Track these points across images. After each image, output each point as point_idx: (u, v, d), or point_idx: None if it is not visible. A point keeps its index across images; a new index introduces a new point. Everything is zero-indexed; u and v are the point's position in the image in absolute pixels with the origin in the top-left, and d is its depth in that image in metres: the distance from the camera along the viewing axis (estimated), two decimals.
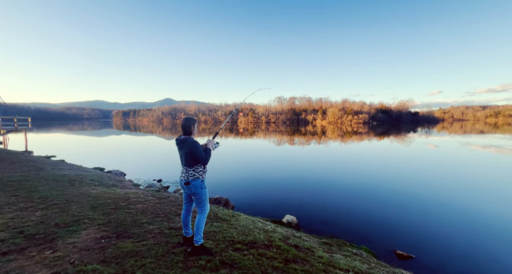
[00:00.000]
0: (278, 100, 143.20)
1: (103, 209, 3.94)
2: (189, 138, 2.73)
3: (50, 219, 3.32)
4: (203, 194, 2.84)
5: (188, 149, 2.67)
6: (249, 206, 6.71)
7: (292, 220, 5.65)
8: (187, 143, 2.69)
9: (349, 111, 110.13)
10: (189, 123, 2.81)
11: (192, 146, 2.66)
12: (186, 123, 2.79)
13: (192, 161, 2.73)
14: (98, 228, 3.16)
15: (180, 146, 2.76)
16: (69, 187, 5.28)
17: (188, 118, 2.84)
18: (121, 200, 4.67)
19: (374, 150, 18.86)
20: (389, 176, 10.12)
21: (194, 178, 2.76)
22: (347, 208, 6.68)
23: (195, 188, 2.78)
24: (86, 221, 3.36)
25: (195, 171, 2.77)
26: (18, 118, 23.61)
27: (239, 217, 4.55)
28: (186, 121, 2.81)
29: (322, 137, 33.04)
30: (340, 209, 6.59)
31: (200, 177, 2.80)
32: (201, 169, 2.82)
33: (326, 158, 14.79)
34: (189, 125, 2.80)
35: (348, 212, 6.41)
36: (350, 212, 6.44)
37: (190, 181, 2.75)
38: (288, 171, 11.13)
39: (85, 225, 3.21)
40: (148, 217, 3.83)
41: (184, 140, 2.74)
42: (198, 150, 2.67)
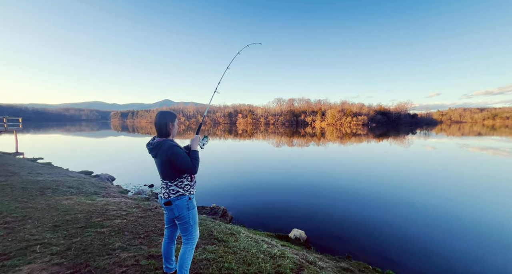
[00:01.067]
0: (277, 102, 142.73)
1: (67, 229, 3.12)
2: (165, 141, 1.94)
3: None
4: (191, 218, 2.04)
5: (166, 157, 1.89)
6: (250, 216, 5.91)
7: (300, 235, 4.85)
8: (163, 148, 1.90)
9: (348, 113, 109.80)
10: (165, 120, 2.00)
11: (171, 152, 1.88)
12: (160, 121, 1.98)
13: (173, 171, 1.94)
14: (49, 260, 2.35)
15: (154, 153, 1.96)
16: (37, 197, 4.45)
17: (164, 113, 2.04)
18: (96, 213, 3.85)
19: (376, 152, 18.14)
20: (404, 182, 9.36)
21: (177, 195, 1.97)
22: (361, 218, 5.89)
23: (179, 209, 1.98)
24: (37, 248, 2.55)
25: (178, 186, 1.98)
26: (8, 119, 22.68)
27: (239, 235, 3.75)
28: (160, 118, 2.00)
29: (322, 138, 32.32)
30: (354, 220, 5.79)
31: (186, 194, 2.00)
32: (188, 182, 2.03)
33: (330, 161, 14.02)
34: (165, 123, 1.99)
35: (363, 224, 5.62)
36: (365, 223, 5.65)
37: (172, 199, 1.96)
38: (291, 175, 10.33)
39: (33, 256, 2.39)
40: (124, 238, 3.02)
41: (158, 144, 1.94)
42: (180, 157, 1.91)
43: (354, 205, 6.73)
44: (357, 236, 5.09)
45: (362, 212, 6.22)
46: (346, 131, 51.35)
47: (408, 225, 5.58)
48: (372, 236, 5.07)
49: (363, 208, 6.49)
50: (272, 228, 5.31)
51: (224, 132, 49.16)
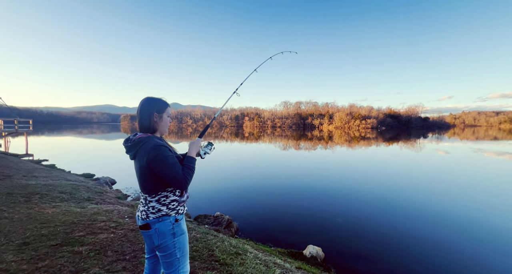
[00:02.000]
0: (284, 105, 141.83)
1: (37, 247, 2.57)
2: (149, 139, 1.35)
3: None
4: (177, 248, 1.41)
5: (146, 161, 1.29)
6: (258, 228, 5.25)
7: (317, 253, 4.15)
8: (145, 148, 1.31)
9: (356, 116, 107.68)
10: (149, 109, 1.40)
11: (154, 154, 1.29)
12: (143, 109, 1.40)
13: (155, 182, 1.34)
14: None
15: (132, 153, 1.38)
16: (19, 205, 3.96)
17: (149, 100, 1.43)
18: (80, 226, 3.30)
19: (387, 156, 17.11)
20: (424, 189, 8.48)
21: (158, 215, 1.37)
22: (386, 233, 5.13)
23: (161, 236, 1.36)
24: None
25: (161, 202, 1.38)
26: (19, 121, 23.06)
27: (245, 255, 3.10)
28: (143, 105, 1.41)
29: (330, 141, 31.32)
30: (378, 235, 5.04)
31: (171, 213, 1.41)
32: (174, 197, 1.42)
33: (341, 165, 13.19)
34: (148, 112, 1.39)
35: (389, 240, 4.86)
36: (392, 239, 4.89)
37: (152, 221, 1.36)
38: (303, 181, 9.61)
39: None
40: (105, 261, 2.44)
41: (139, 141, 1.35)
42: (166, 162, 1.30)
43: (375, 215, 5.96)
44: (383, 254, 4.34)
45: (386, 225, 5.45)
46: (354, 135, 49.98)
47: (437, 238, 4.78)
48: (400, 255, 4.31)
49: (386, 220, 5.71)
50: (283, 242, 4.63)
51: (230, 135, 48.77)
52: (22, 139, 25.72)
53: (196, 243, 3.21)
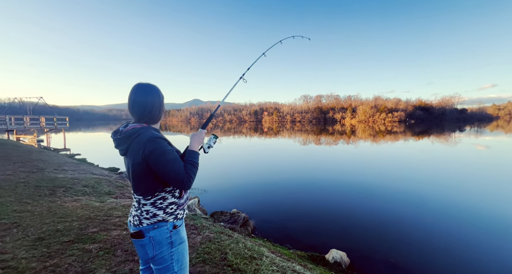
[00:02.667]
0: (304, 99, 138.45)
1: (50, 244, 2.54)
2: (144, 130, 1.12)
3: None
4: (175, 260, 1.16)
5: (142, 156, 1.07)
6: (276, 227, 4.96)
7: (341, 259, 3.76)
8: (139, 141, 1.09)
9: (382, 109, 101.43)
10: (160, 97, 1.21)
11: (151, 148, 1.07)
12: (157, 98, 1.19)
13: (151, 181, 1.12)
14: None
15: (123, 148, 1.14)
16: (44, 198, 4.11)
17: (156, 87, 1.21)
18: (95, 221, 3.29)
19: (415, 152, 15.63)
20: (459, 188, 7.51)
21: (154, 221, 1.15)
22: (420, 238, 4.54)
23: (156, 246, 1.13)
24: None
25: (157, 205, 1.16)
26: (58, 118, 25.23)
27: (261, 260, 2.84)
28: (156, 93, 1.19)
29: (352, 136, 29.74)
30: (412, 240, 4.47)
31: (169, 219, 1.18)
32: (173, 199, 1.20)
33: (367, 162, 12.32)
34: (159, 102, 1.20)
35: (423, 246, 4.29)
36: (427, 245, 4.31)
37: (146, 228, 1.14)
38: (326, 178, 9.09)
39: None
40: (113, 262, 2.33)
41: (131, 133, 1.11)
42: (166, 157, 1.08)
43: (409, 219, 5.33)
44: (420, 264, 3.81)
45: (422, 230, 4.83)
46: (379, 129, 47.07)
47: (483, 246, 4.08)
48: (440, 266, 3.75)
49: (422, 225, 5.08)
50: (303, 244, 4.30)
51: (249, 130, 48.82)
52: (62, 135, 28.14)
53: (208, 244, 3.02)
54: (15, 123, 21.51)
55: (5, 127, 20.17)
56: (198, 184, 7.73)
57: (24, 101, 35.87)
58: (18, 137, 20.41)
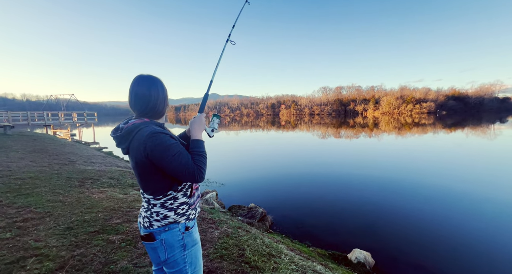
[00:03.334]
0: (323, 91, 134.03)
1: (77, 234, 2.67)
2: (144, 125, 1.03)
3: None
4: (188, 264, 1.08)
5: (144, 153, 0.98)
6: (294, 223, 4.84)
7: (365, 260, 3.55)
8: (139, 138, 1.00)
9: (408, 100, 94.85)
10: (164, 90, 1.13)
11: (152, 143, 0.97)
12: (162, 91, 1.11)
13: (159, 179, 1.04)
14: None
15: (124, 146, 1.06)
16: (74, 189, 4.38)
17: (147, 78, 1.08)
18: (119, 212, 3.42)
19: (447, 145, 14.34)
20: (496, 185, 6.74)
21: (165, 223, 1.07)
22: (453, 239, 4.15)
23: (168, 249, 1.05)
24: (29, 263, 2.08)
25: (167, 206, 1.07)
26: (87, 113, 27.12)
27: (280, 258, 2.75)
28: (161, 86, 1.11)
29: (375, 129, 28.21)
30: (444, 242, 4.10)
31: (180, 220, 1.10)
32: (184, 199, 1.11)
33: (391, 156, 11.61)
34: (164, 96, 1.12)
35: (456, 248, 3.91)
36: (461, 247, 3.92)
37: (156, 231, 1.07)
38: (347, 173, 8.72)
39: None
40: (134, 254, 2.38)
41: (131, 130, 1.03)
42: (171, 152, 0.98)
43: (441, 218, 4.91)
44: (453, 267, 3.48)
45: (456, 231, 4.42)
46: (405, 121, 44.15)
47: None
48: (474, 269, 3.39)
49: (456, 225, 4.64)
50: (323, 242, 4.14)
51: (266, 123, 48.60)
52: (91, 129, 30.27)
53: (226, 239, 2.99)
54: (52, 118, 23.54)
55: (43, 123, 22.16)
56: (216, 178, 7.82)
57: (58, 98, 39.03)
58: (55, 131, 22.31)
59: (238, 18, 1.64)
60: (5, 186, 4.20)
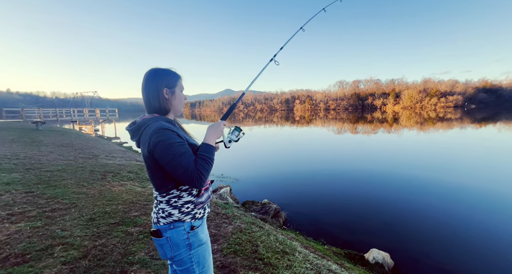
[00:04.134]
0: (339, 85, 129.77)
1: (99, 225, 2.81)
2: (153, 120, 1.04)
3: (14, 242, 2.32)
4: (195, 263, 1.08)
5: (147, 150, 0.99)
6: (309, 220, 4.77)
7: (384, 260, 3.41)
8: (146, 134, 1.01)
9: (433, 93, 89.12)
10: (158, 83, 1.09)
11: (156, 141, 0.96)
12: (151, 85, 1.09)
13: (161, 176, 1.03)
14: (59, 270, 1.93)
15: (136, 139, 1.09)
16: (96, 182, 4.62)
17: (156, 72, 1.10)
18: (137, 205, 3.56)
19: (475, 140, 13.26)
20: None
21: (170, 221, 1.06)
22: (478, 241, 3.86)
23: (173, 247, 1.07)
24: (57, 250, 2.21)
25: (171, 204, 1.07)
26: (109, 110, 28.52)
27: (293, 256, 2.71)
28: (151, 79, 1.09)
29: (395, 124, 26.87)
30: (468, 244, 3.83)
31: (185, 219, 1.08)
32: (190, 198, 1.09)
33: (413, 153, 11.01)
34: (156, 88, 1.08)
35: (481, 249, 3.64)
36: (485, 249, 3.64)
37: (163, 228, 1.07)
38: (364, 170, 8.42)
39: (45, 262, 2.04)
40: (152, 245, 2.46)
41: (141, 125, 1.06)
42: (172, 152, 0.96)
43: (466, 218, 4.58)
44: (477, 269, 3.24)
45: (481, 232, 4.11)
46: (429, 116, 41.61)
47: None
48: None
49: (485, 226, 4.31)
50: (339, 240, 4.04)
51: (280, 119, 48.17)
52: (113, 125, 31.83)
53: (240, 235, 3.00)
54: (78, 115, 25.05)
55: (70, 119, 23.68)
56: (229, 173, 7.90)
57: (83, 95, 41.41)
58: (80, 127, 23.75)
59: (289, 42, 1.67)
60: (36, 177, 4.53)
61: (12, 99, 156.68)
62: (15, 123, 19.22)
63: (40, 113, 21.50)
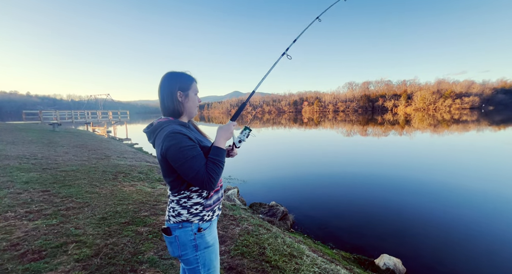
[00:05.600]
0: (349, 86, 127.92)
1: (110, 224, 2.88)
2: (167, 124, 1.07)
3: (31, 238, 2.42)
4: (201, 264, 1.12)
5: (160, 151, 1.02)
6: (317, 224, 4.70)
7: (395, 267, 3.31)
8: (160, 137, 1.05)
9: (447, 94, 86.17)
10: (172, 86, 1.12)
11: (168, 145, 0.99)
12: (165, 88, 1.12)
13: (173, 176, 1.06)
14: (70, 269, 1.99)
15: (152, 141, 1.13)
16: (108, 182, 4.75)
17: (171, 76, 1.14)
18: (147, 205, 3.63)
19: (492, 143, 12.64)
20: None
21: (179, 220, 1.09)
22: (492, 248, 3.68)
23: (181, 246, 1.09)
24: (71, 248, 2.29)
25: (181, 204, 1.09)
26: (121, 112, 29.33)
27: (301, 259, 2.67)
28: (166, 82, 1.13)
29: (407, 126, 26.11)
30: (487, 251, 3.66)
31: (193, 220, 1.09)
32: (199, 200, 1.11)
33: (427, 157, 10.66)
34: (170, 91, 1.12)
35: (495, 257, 3.45)
36: (499, 256, 3.45)
37: (172, 226, 1.10)
38: (375, 173, 8.23)
39: (60, 259, 2.11)
40: (160, 245, 2.50)
41: (156, 128, 1.09)
42: (182, 155, 0.99)
43: (482, 224, 4.38)
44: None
45: (499, 239, 3.91)
46: (443, 118, 40.19)
47: None
48: None
49: (500, 233, 4.10)
50: (348, 245, 3.96)
51: (289, 121, 47.95)
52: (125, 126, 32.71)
53: (247, 237, 3.00)
54: (92, 117, 25.92)
55: (84, 121, 24.54)
56: (237, 175, 7.92)
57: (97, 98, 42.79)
58: (94, 128, 24.55)
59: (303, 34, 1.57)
60: (52, 177, 4.72)
61: (31, 102, 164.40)
62: (34, 124, 20.10)
63: (57, 115, 22.39)
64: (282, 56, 1.49)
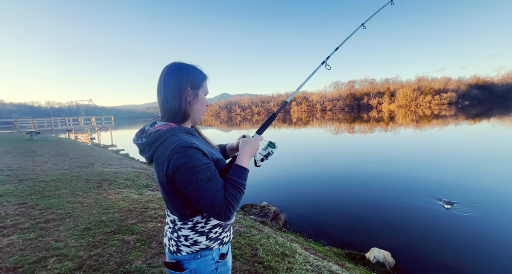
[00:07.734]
0: (335, 86, 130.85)
1: (95, 234, 2.75)
2: (170, 134, 0.80)
3: (5, 255, 2.25)
4: None
5: (165, 172, 0.76)
6: (308, 222, 4.74)
7: (385, 259, 3.39)
8: (163, 152, 0.77)
9: (427, 91, 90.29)
10: (181, 81, 0.84)
11: (177, 164, 0.74)
12: (171, 82, 0.83)
13: (184, 203, 0.82)
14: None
15: (148, 157, 0.84)
16: (92, 190, 4.54)
17: (180, 67, 0.85)
18: (134, 213, 3.50)
19: (470, 137, 13.42)
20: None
21: (196, 249, 0.87)
22: (478, 237, 3.87)
23: None
24: (50, 262, 2.15)
25: (197, 230, 0.86)
26: (105, 117, 28.27)
27: (294, 258, 2.68)
28: (173, 76, 0.84)
29: (391, 123, 27.11)
30: (471, 240, 3.84)
31: (214, 246, 0.90)
32: (217, 221, 0.90)
33: (410, 151, 11.09)
34: (178, 87, 0.83)
35: (481, 246, 3.64)
36: (486, 246, 3.64)
37: (185, 258, 0.87)
38: (362, 169, 8.44)
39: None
40: (148, 254, 2.41)
41: (155, 139, 0.80)
42: (196, 179, 0.75)
43: (465, 214, 4.60)
44: (477, 266, 3.23)
45: (483, 229, 4.12)
46: (424, 113, 42.07)
47: None
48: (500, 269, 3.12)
49: (484, 223, 4.33)
50: (339, 241, 4.01)
51: (278, 121, 48.27)
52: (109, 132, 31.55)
53: (239, 239, 2.97)
54: (73, 124, 24.77)
55: (66, 128, 23.41)
56: None
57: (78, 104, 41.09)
58: (76, 136, 23.48)
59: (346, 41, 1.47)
60: (30, 188, 4.44)
61: (5, 110, 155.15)
62: (8, 134, 18.96)
63: (35, 123, 21.22)
64: (322, 65, 1.33)
